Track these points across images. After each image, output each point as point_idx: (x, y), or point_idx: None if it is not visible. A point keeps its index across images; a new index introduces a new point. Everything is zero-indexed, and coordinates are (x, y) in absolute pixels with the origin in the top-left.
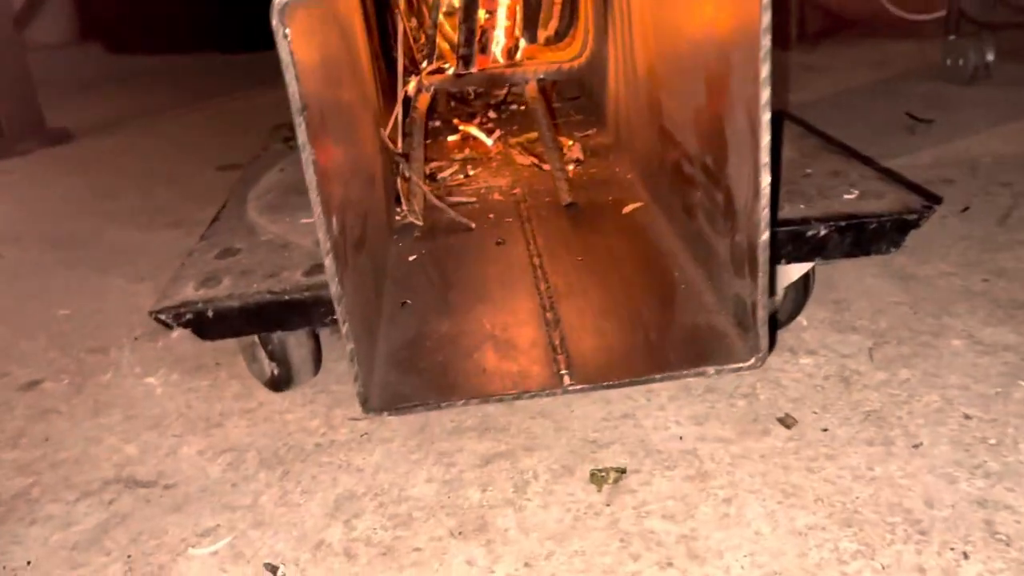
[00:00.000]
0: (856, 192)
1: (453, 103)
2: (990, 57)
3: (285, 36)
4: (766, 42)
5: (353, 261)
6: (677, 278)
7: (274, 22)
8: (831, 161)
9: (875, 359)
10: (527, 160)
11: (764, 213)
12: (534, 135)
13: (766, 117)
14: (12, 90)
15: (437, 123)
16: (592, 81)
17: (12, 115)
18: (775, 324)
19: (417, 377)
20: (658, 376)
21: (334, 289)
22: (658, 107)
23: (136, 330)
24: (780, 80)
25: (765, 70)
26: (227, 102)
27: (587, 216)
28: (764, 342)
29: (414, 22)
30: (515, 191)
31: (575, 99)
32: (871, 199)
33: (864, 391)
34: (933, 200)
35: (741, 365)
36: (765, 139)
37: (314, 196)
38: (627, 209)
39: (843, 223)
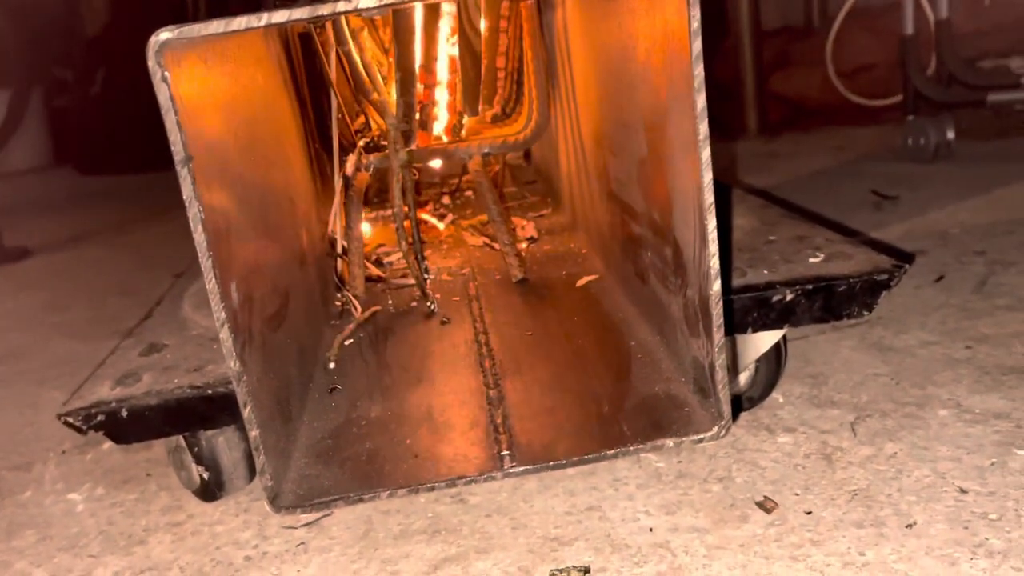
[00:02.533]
0: (822, 255)
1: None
2: (950, 135)
3: (164, 79)
4: (699, 71)
5: (264, 338)
6: (633, 347)
7: (151, 63)
8: (794, 227)
9: (858, 434)
10: (478, 241)
11: (713, 261)
12: (487, 217)
13: (706, 153)
14: None
15: (389, 211)
16: (546, 163)
17: None
18: (739, 400)
19: (339, 468)
20: (610, 452)
21: (232, 365)
22: (605, 171)
23: (65, 443)
24: (742, 165)
25: (700, 101)
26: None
27: (539, 291)
28: (726, 407)
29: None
30: (464, 271)
31: (532, 183)
32: (838, 261)
33: (849, 468)
34: (904, 259)
35: (703, 436)
36: (707, 177)
37: (203, 258)
38: (581, 282)
39: (810, 286)
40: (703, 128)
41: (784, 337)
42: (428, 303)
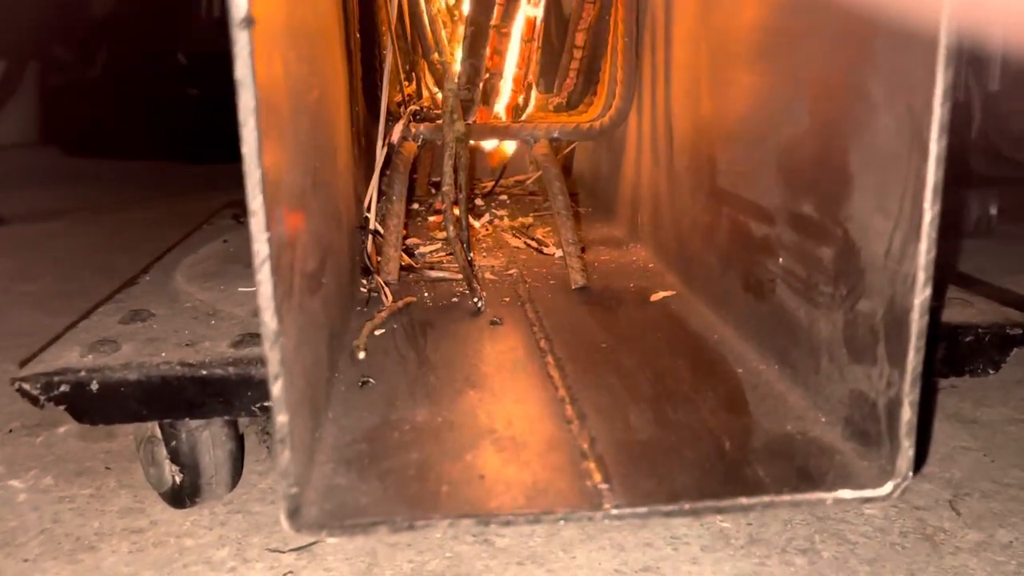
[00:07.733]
0: (936, 301)
1: (434, 190)
2: (992, 211)
3: None
4: None
5: (302, 299)
6: (742, 375)
7: None
8: None
9: (962, 515)
10: (521, 242)
11: (926, 259)
12: (528, 220)
13: (945, 110)
14: None
15: (416, 205)
16: (596, 172)
17: None
18: (928, 432)
19: (379, 481)
20: (748, 501)
21: (267, 320)
22: (709, 167)
23: (13, 421)
24: None
25: (948, 38)
26: (177, 203)
27: (605, 303)
28: (904, 460)
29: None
30: (510, 271)
31: (573, 195)
32: (958, 307)
33: (959, 555)
34: None
35: (872, 494)
36: (937, 146)
37: (251, 158)
38: (656, 296)
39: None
40: (946, 76)
41: None
42: (475, 299)
